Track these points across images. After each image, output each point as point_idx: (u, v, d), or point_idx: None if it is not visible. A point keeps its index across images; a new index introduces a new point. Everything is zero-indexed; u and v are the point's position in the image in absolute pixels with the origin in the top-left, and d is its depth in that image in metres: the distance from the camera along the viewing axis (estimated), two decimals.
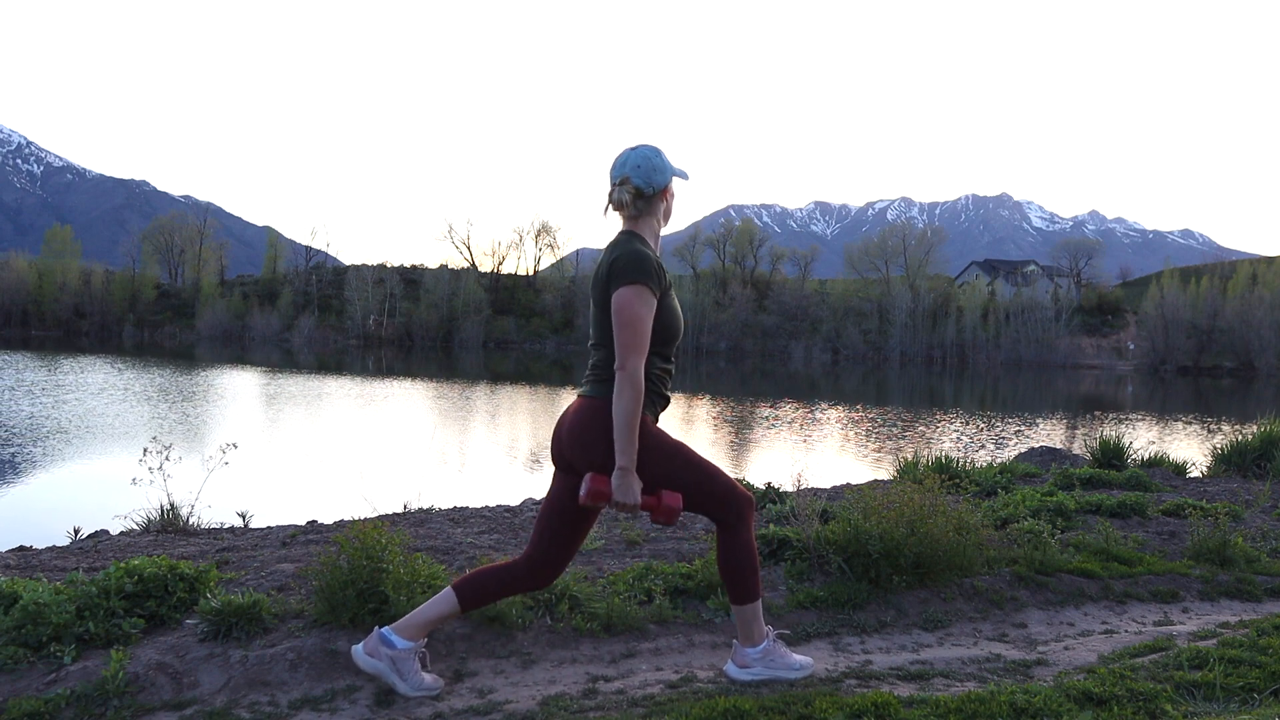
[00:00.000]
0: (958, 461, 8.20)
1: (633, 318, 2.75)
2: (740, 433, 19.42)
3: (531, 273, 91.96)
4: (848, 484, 8.00)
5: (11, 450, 12.88)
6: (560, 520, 2.97)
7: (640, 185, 2.90)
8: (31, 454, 12.76)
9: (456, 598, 2.96)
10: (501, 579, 3.00)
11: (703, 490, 2.93)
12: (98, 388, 24.01)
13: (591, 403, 2.86)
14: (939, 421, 22.98)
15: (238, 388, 27.47)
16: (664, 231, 3.05)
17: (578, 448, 2.86)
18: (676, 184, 3.04)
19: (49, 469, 11.84)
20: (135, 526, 5.39)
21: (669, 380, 2.98)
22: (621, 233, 2.93)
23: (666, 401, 2.99)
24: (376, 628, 2.99)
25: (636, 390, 2.73)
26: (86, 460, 12.59)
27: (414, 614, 2.98)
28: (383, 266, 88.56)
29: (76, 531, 5.48)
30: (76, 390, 22.82)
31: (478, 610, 3.24)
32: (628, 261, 2.79)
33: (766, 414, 23.59)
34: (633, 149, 2.95)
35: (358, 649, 2.96)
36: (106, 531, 5.51)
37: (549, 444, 3.06)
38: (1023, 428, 21.97)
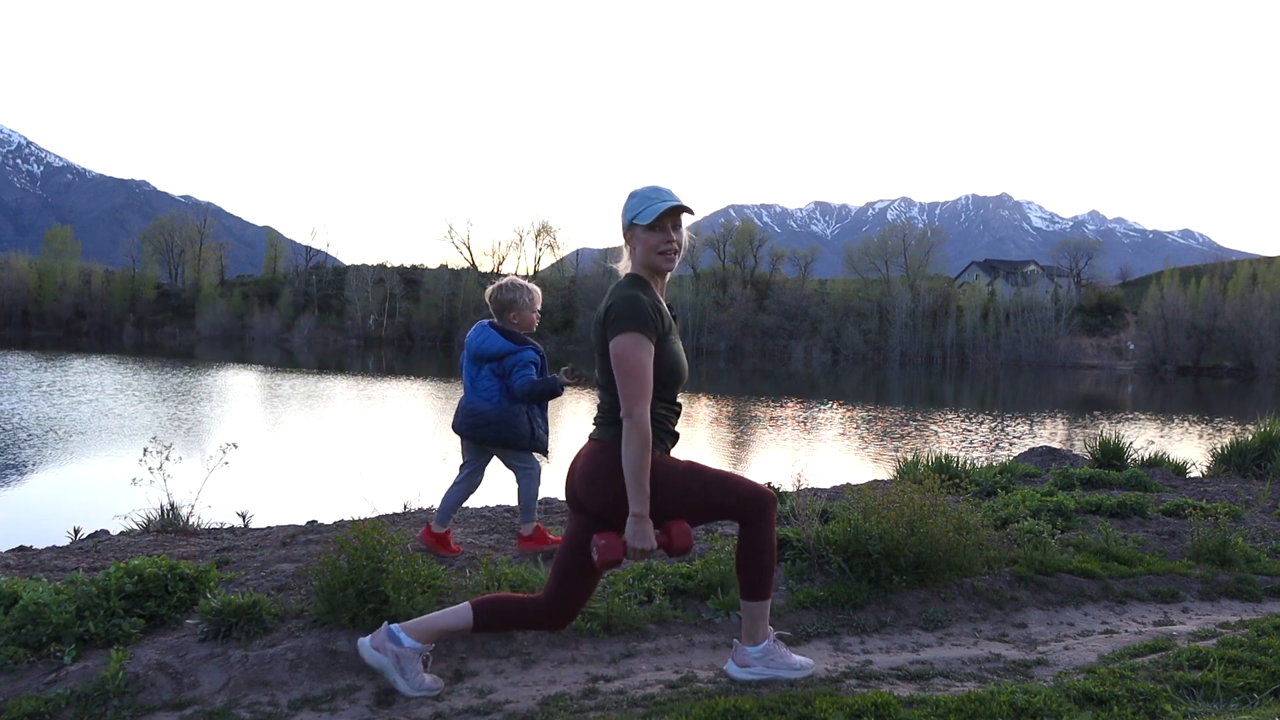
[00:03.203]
0: (958, 461, 8.19)
1: (633, 365, 2.74)
2: (740, 433, 19.42)
3: (531, 273, 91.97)
4: (848, 484, 8.00)
5: (12, 450, 12.88)
6: (577, 560, 2.95)
7: (623, 226, 2.92)
8: (32, 454, 12.76)
9: (472, 616, 2.95)
10: (521, 612, 2.99)
11: (718, 501, 2.94)
12: (114, 388, 24.02)
13: (600, 445, 2.87)
14: (939, 421, 22.97)
15: (238, 388, 27.47)
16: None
17: (590, 489, 2.88)
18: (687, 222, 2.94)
19: (49, 469, 11.85)
20: (135, 526, 5.39)
21: (676, 419, 2.98)
22: (626, 275, 2.92)
23: (676, 437, 3.00)
24: (386, 623, 3.00)
25: (643, 437, 2.73)
26: (86, 460, 12.59)
27: (426, 618, 2.97)
28: (383, 266, 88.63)
29: (76, 531, 5.47)
30: (92, 391, 22.82)
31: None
32: (621, 308, 2.77)
33: (767, 414, 23.59)
34: None
35: (364, 642, 2.97)
36: (106, 531, 5.50)
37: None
38: (1023, 428, 21.97)
